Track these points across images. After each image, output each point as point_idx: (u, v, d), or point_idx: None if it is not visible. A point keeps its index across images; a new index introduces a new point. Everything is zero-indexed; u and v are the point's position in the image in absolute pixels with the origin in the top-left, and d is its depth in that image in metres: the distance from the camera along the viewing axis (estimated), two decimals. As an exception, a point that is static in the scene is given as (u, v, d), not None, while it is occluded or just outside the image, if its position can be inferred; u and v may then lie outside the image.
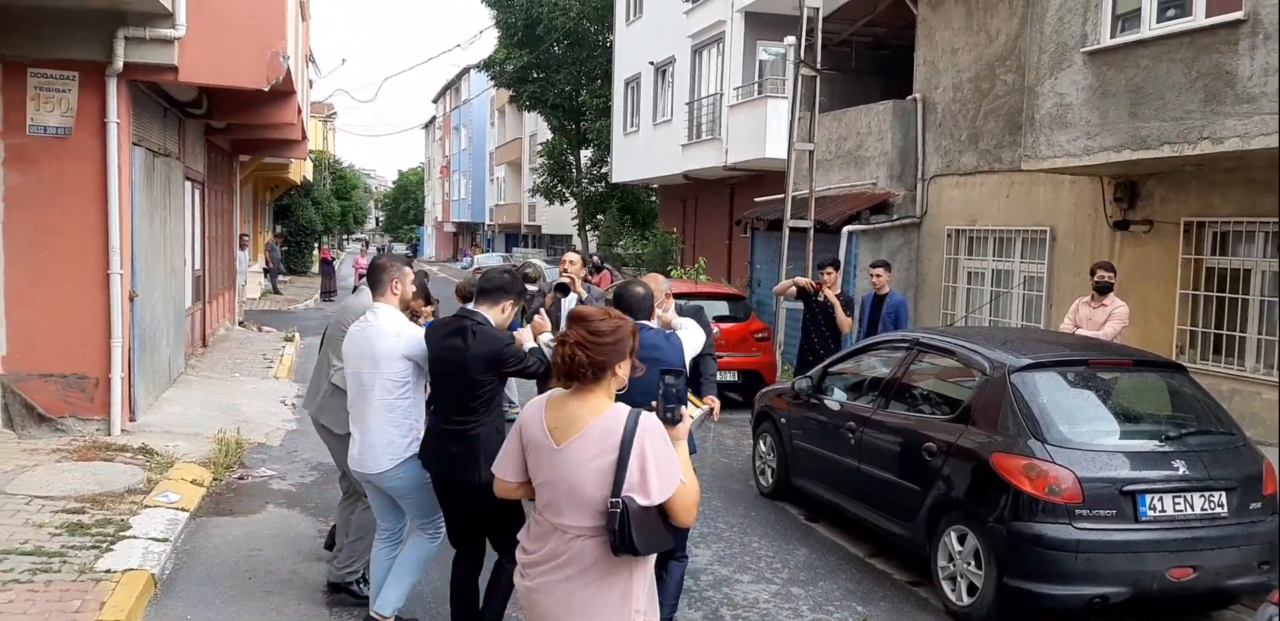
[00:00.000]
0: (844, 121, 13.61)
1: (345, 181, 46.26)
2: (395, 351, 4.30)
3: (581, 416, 2.74)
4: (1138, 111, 8.05)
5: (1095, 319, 7.52)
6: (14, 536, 5.58)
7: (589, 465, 2.69)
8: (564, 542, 2.75)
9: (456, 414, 4.19)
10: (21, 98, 7.87)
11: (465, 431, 4.16)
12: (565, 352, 2.73)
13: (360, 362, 4.38)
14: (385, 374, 4.32)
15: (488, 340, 4.14)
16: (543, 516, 2.82)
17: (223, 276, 16.01)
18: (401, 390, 4.35)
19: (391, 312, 4.45)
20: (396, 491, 4.44)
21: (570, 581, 2.74)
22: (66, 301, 8.03)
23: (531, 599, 2.84)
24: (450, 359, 4.17)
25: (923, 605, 5.44)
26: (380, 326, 4.36)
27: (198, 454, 7.77)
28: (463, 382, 4.16)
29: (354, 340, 4.45)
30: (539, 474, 2.82)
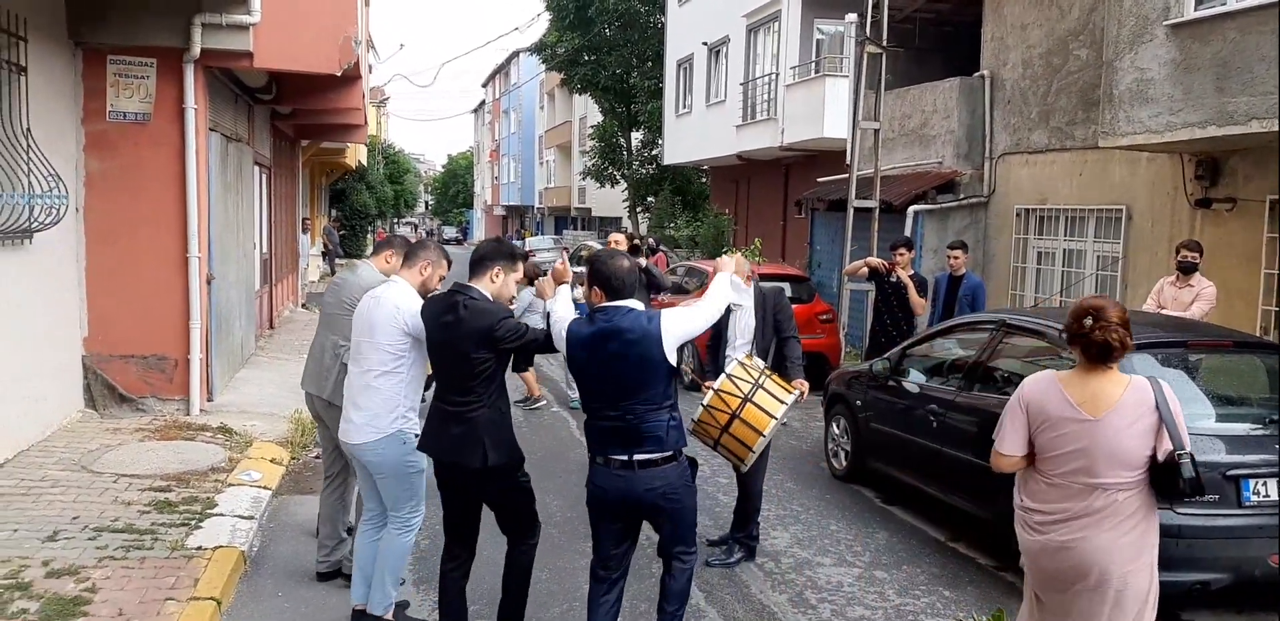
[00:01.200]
0: (908, 99, 13.39)
1: (397, 165, 46.60)
2: (395, 322, 4.17)
3: (1109, 390, 3.30)
4: (1224, 86, 7.80)
5: (1182, 299, 7.32)
6: (105, 513, 5.71)
7: (1130, 429, 3.26)
8: (1105, 498, 3.28)
9: (456, 394, 3.99)
10: (101, 85, 8.00)
11: (465, 412, 3.96)
12: (1115, 337, 3.26)
13: (361, 332, 4.32)
14: (381, 344, 4.21)
15: (480, 314, 3.91)
16: (1069, 479, 3.33)
17: (287, 259, 16.22)
18: (396, 363, 4.20)
19: (405, 287, 4.30)
20: (373, 467, 4.31)
21: (1115, 529, 3.28)
22: (146, 284, 8.17)
23: (1063, 552, 3.33)
24: (444, 335, 3.98)
25: (1010, 590, 5.35)
26: (386, 297, 4.25)
27: (274, 433, 7.88)
28: (458, 360, 3.95)
29: (362, 311, 4.37)
30: (1067, 444, 3.31)
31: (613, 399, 3.80)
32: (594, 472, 3.93)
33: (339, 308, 4.83)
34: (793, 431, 8.97)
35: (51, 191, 7.35)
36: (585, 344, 3.82)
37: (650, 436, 3.79)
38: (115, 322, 8.11)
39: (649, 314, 3.84)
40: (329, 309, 4.96)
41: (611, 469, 3.84)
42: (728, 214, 22.06)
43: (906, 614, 4.98)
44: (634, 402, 3.77)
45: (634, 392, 3.76)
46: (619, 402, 3.78)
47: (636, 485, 3.82)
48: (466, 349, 3.91)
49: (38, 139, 6.96)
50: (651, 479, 3.82)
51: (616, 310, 3.80)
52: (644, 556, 5.62)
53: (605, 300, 3.84)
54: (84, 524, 5.51)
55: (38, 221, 6.95)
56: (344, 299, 4.80)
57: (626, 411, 3.78)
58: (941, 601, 5.15)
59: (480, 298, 3.99)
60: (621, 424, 3.78)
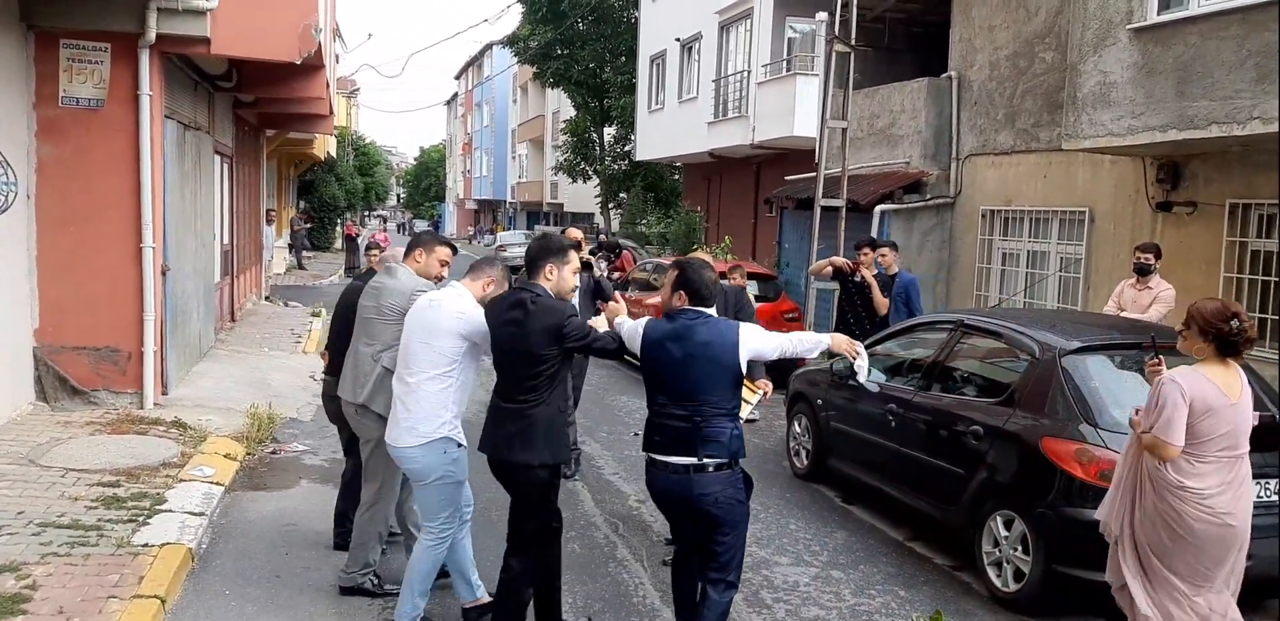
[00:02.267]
0: (876, 99, 13.41)
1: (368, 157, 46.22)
2: (454, 328, 4.18)
3: (1236, 377, 3.95)
4: (1185, 90, 7.86)
5: (1140, 301, 7.38)
6: (51, 509, 5.59)
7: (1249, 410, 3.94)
8: (1244, 465, 3.95)
9: (517, 392, 4.05)
10: (54, 69, 7.82)
11: (524, 409, 4.02)
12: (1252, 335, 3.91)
13: (415, 334, 4.27)
14: (436, 347, 4.20)
15: (548, 312, 3.99)
16: (1221, 455, 3.89)
17: (250, 251, 16.01)
18: (448, 367, 4.21)
19: (465, 293, 4.32)
20: (414, 474, 4.29)
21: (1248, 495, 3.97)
22: (99, 274, 8.01)
23: (1222, 528, 3.90)
24: (511, 333, 4.03)
25: (966, 590, 5.37)
26: (447, 301, 4.26)
27: (230, 428, 7.76)
28: (524, 358, 4.01)
29: (417, 314, 4.32)
30: (1221, 427, 3.87)
31: (681, 398, 3.87)
32: (652, 476, 4.01)
33: (378, 313, 4.68)
34: (756, 430, 8.95)
35: (1, 177, 7.21)
36: (662, 341, 3.91)
37: (713, 441, 3.84)
38: (67, 313, 7.95)
39: (728, 322, 3.98)
40: (366, 313, 4.77)
41: (669, 473, 3.90)
42: (699, 211, 22.04)
43: (861, 613, 4.97)
44: (702, 404, 3.85)
45: (703, 393, 3.85)
46: (687, 402, 3.86)
47: (691, 489, 3.86)
48: (533, 346, 3.97)
49: (-13, 124, 6.80)
50: (707, 484, 3.85)
51: (697, 314, 3.95)
52: (600, 555, 5.59)
53: (688, 305, 3.98)
54: (28, 519, 5.39)
55: (-14, 209, 6.80)
56: (385, 305, 4.65)
57: (694, 412, 3.85)
58: (896, 601, 5.15)
59: (545, 295, 4.05)
60: (688, 425, 3.85)
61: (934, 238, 12.17)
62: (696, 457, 3.83)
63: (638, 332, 4.00)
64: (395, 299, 4.59)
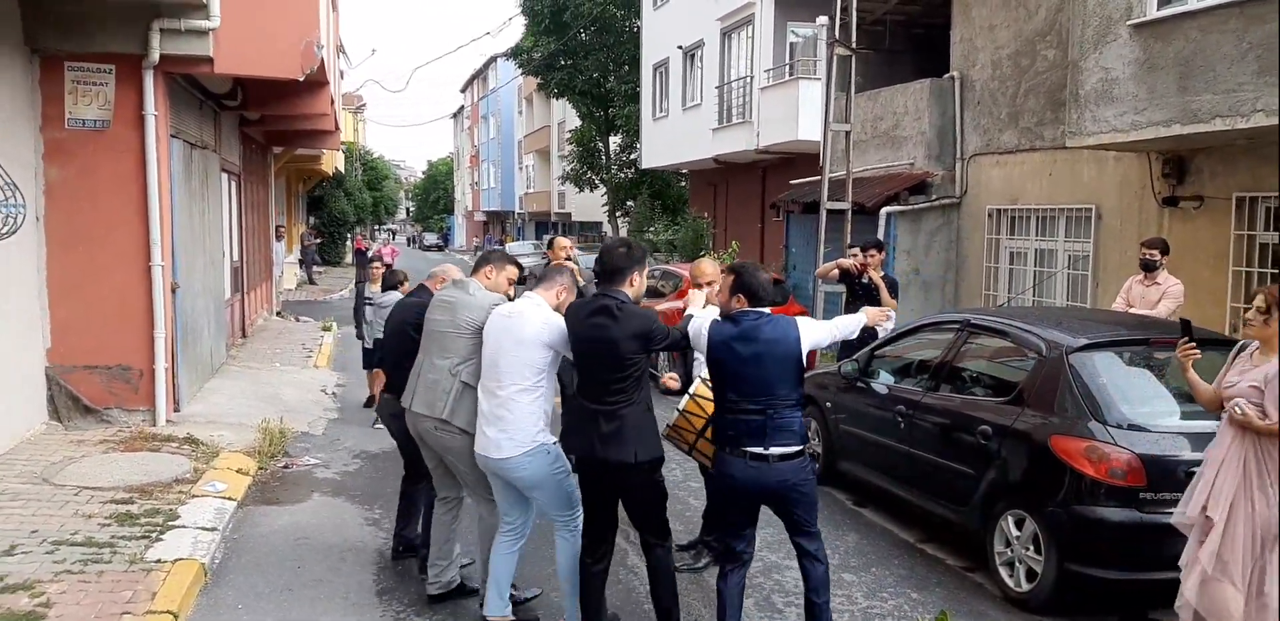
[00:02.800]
0: (879, 101, 13.42)
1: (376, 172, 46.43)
2: (540, 338, 4.29)
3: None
4: (1187, 85, 7.85)
5: (1149, 297, 7.34)
6: (64, 527, 5.61)
7: None
8: None
9: (605, 394, 4.19)
10: (59, 91, 7.89)
11: (616, 410, 4.16)
12: None
13: (500, 349, 4.35)
14: (525, 359, 4.29)
15: (637, 317, 4.18)
16: None
17: (260, 267, 16.10)
18: (537, 378, 4.32)
19: (544, 304, 4.43)
20: (524, 482, 4.37)
21: None
22: (109, 294, 8.06)
23: None
24: (598, 338, 4.16)
25: (978, 591, 5.35)
26: (529, 313, 4.36)
27: (242, 443, 7.79)
28: (613, 361, 4.15)
29: (497, 327, 4.41)
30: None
31: (753, 394, 4.11)
32: (726, 463, 4.20)
33: (453, 327, 4.65)
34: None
35: (9, 200, 7.27)
36: (728, 342, 4.14)
37: (787, 431, 4.12)
38: (78, 333, 8.00)
39: (787, 319, 4.24)
40: (440, 327, 4.72)
41: (746, 461, 4.12)
42: (706, 217, 22.06)
43: (873, 616, 4.96)
44: (773, 398, 4.10)
45: (774, 388, 4.11)
46: (759, 397, 4.10)
47: (770, 476, 4.12)
48: (623, 350, 4.13)
49: (-6, 147, 6.86)
50: (785, 471, 4.13)
51: (758, 314, 4.19)
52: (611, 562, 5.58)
53: (747, 306, 4.19)
54: (42, 537, 5.42)
55: (-5, 231, 6.86)
56: (461, 319, 4.63)
57: (767, 406, 4.10)
58: (909, 603, 5.12)
59: (628, 301, 4.24)
60: (761, 418, 4.09)
61: (941, 238, 12.15)
62: (771, 447, 4.09)
63: (702, 335, 4.22)
64: (473, 314, 4.60)
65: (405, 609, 4.93)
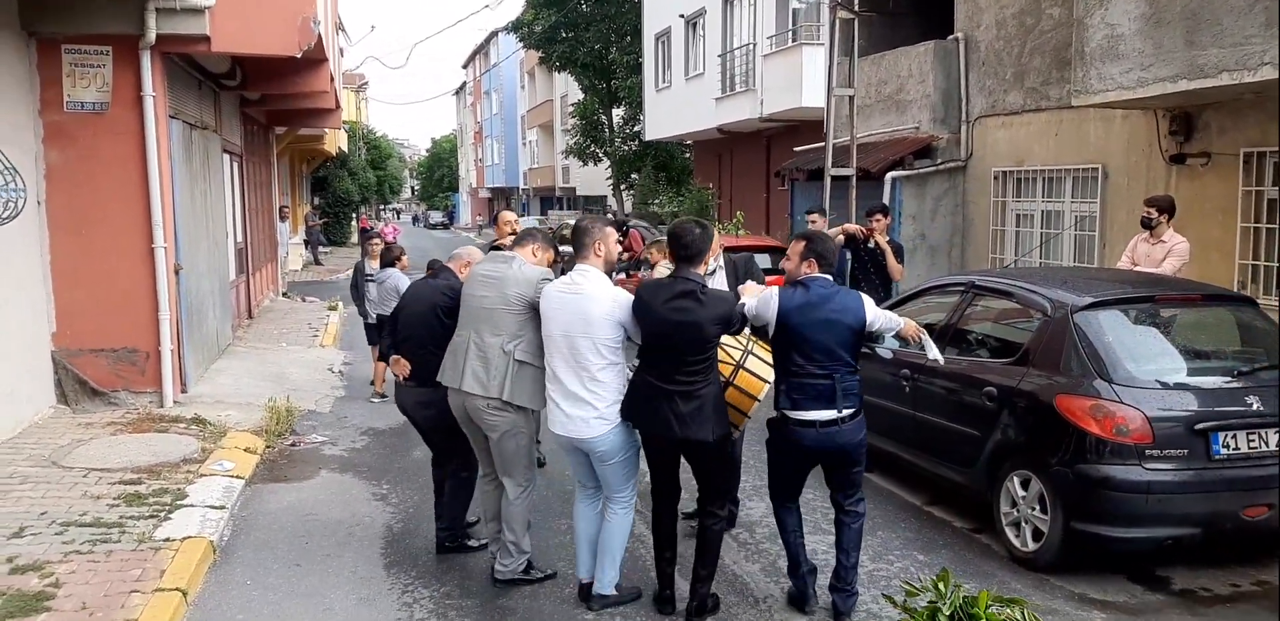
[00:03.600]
0: (883, 65, 13.26)
1: (380, 151, 46.29)
2: (613, 316, 4.27)
3: None
4: (1194, 39, 7.70)
5: (1154, 256, 7.26)
6: (73, 508, 5.65)
7: None
8: None
9: (682, 374, 4.22)
10: (57, 75, 7.86)
11: (694, 390, 4.22)
12: None
13: (572, 326, 4.29)
14: (601, 338, 4.27)
15: (721, 301, 4.27)
16: None
17: (265, 248, 16.10)
18: (615, 355, 4.33)
19: (601, 276, 4.38)
20: (605, 456, 4.39)
21: None
22: (113, 276, 8.07)
23: None
24: (680, 321, 4.19)
25: (985, 552, 5.34)
26: (594, 291, 4.30)
27: (250, 422, 7.83)
28: (695, 342, 4.20)
29: (562, 304, 4.34)
30: None
31: (821, 358, 4.25)
32: (791, 432, 4.37)
33: (503, 302, 4.55)
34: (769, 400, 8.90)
35: (9, 185, 7.27)
36: (801, 307, 4.27)
37: (852, 394, 4.31)
38: (83, 316, 8.02)
39: (855, 293, 4.48)
40: (487, 303, 4.59)
41: (815, 427, 4.30)
42: (710, 188, 21.93)
43: (879, 579, 4.95)
44: (839, 363, 4.27)
45: (839, 354, 4.27)
46: (827, 363, 4.26)
47: (839, 438, 4.32)
48: (707, 332, 4.21)
49: (-8, 132, 6.84)
50: (854, 432, 4.36)
51: (828, 282, 4.38)
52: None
53: (818, 271, 4.36)
54: (51, 519, 5.46)
55: (-5, 215, 6.86)
56: (510, 294, 4.53)
57: (832, 370, 4.26)
58: (915, 565, 5.12)
59: (706, 284, 4.31)
60: (828, 383, 4.26)
61: (947, 202, 12.05)
62: (839, 410, 4.26)
63: (771, 300, 4.31)
64: (522, 289, 4.52)
65: (413, 582, 4.95)
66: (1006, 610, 3.26)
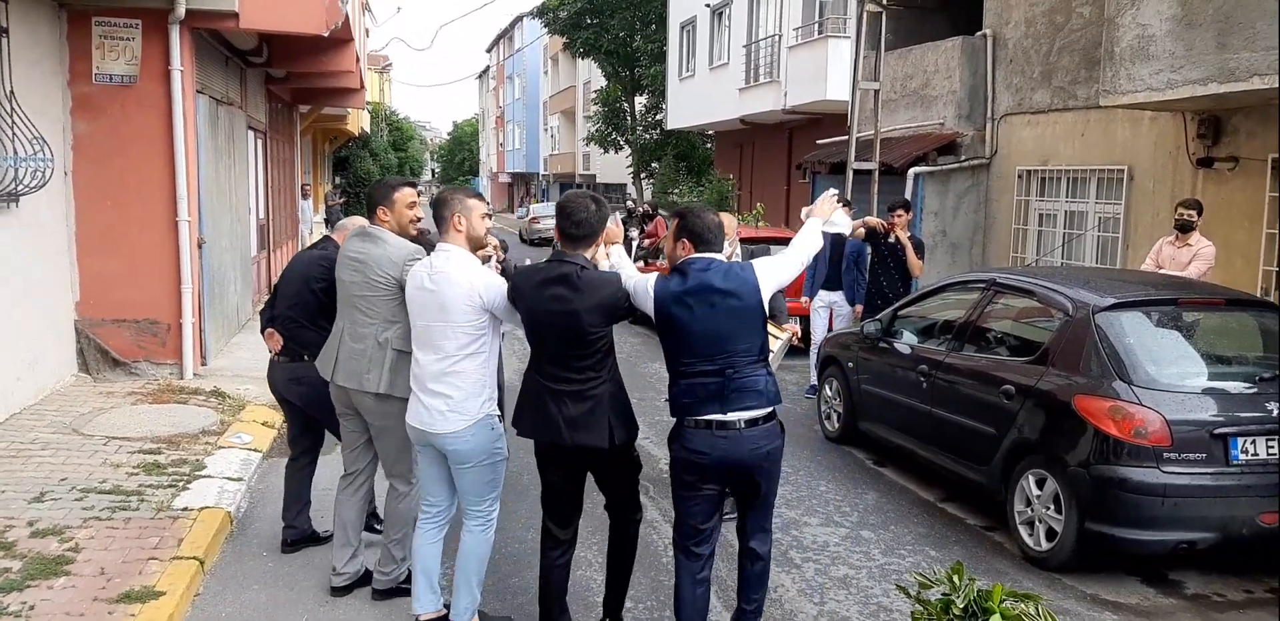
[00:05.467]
0: (909, 60, 13.19)
1: (401, 133, 46.32)
2: (471, 301, 3.75)
3: None
4: (1226, 42, 7.64)
5: (1179, 259, 7.23)
6: (93, 475, 5.72)
7: None
8: None
9: (569, 372, 3.69)
10: (86, 47, 7.91)
11: (586, 390, 3.68)
12: None
13: (428, 313, 3.83)
14: (459, 324, 3.77)
15: (601, 284, 3.67)
16: None
17: (286, 225, 16.16)
18: (478, 344, 3.82)
19: (462, 255, 3.85)
20: (459, 456, 3.87)
21: None
22: (137, 248, 8.14)
23: None
24: (555, 310, 3.64)
25: (998, 550, 5.35)
26: (450, 273, 3.78)
27: (268, 396, 7.79)
28: (575, 335, 3.65)
29: (419, 285, 3.86)
30: None
31: (711, 354, 3.61)
32: (687, 437, 3.70)
33: (370, 288, 4.12)
34: (786, 394, 8.92)
35: (37, 155, 7.29)
36: (679, 297, 3.63)
37: (751, 391, 3.63)
38: (107, 287, 8.10)
39: (740, 264, 3.73)
40: (355, 289, 4.17)
41: (712, 430, 3.64)
42: (731, 179, 21.89)
43: (890, 573, 4.97)
44: (733, 356, 3.61)
45: (733, 344, 3.61)
46: (717, 357, 3.61)
47: (742, 445, 3.64)
48: (586, 322, 3.63)
49: (22, 102, 6.89)
50: (757, 438, 3.66)
51: (708, 261, 3.68)
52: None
53: (694, 252, 3.71)
54: (71, 485, 5.52)
55: (23, 185, 6.91)
56: (375, 278, 4.10)
57: (726, 365, 3.61)
58: (927, 560, 5.13)
59: (590, 266, 3.72)
60: (720, 379, 3.61)
61: (969, 199, 12.00)
62: (734, 412, 3.61)
63: (648, 293, 3.68)
64: (389, 269, 4.08)
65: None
66: (1021, 605, 3.26)
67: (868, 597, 4.68)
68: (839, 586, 4.80)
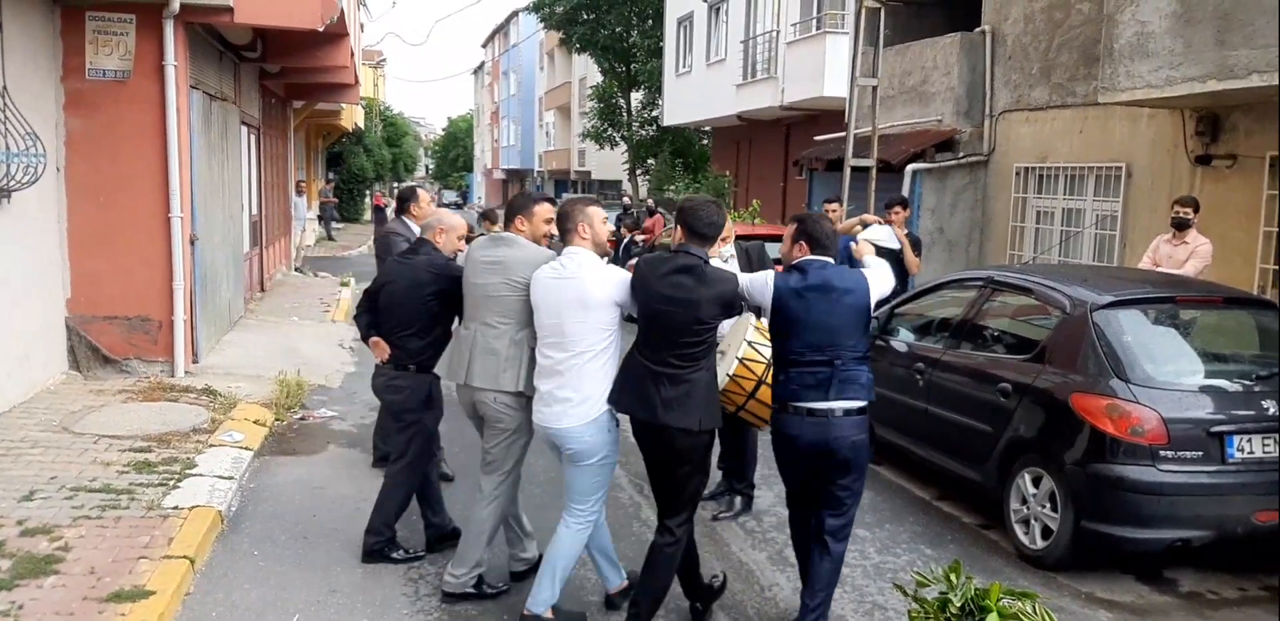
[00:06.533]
0: (908, 56, 13.15)
1: (396, 128, 46.26)
2: (610, 297, 3.99)
3: None
4: (1225, 39, 7.61)
5: (1176, 257, 7.21)
6: (83, 474, 5.68)
7: None
8: None
9: (675, 357, 3.91)
10: (80, 42, 7.85)
11: (683, 375, 3.91)
12: None
13: (565, 311, 4.01)
14: (595, 322, 3.98)
15: (723, 280, 3.96)
16: None
17: (279, 222, 16.11)
18: (607, 341, 4.03)
19: (592, 257, 4.11)
20: (578, 455, 4.03)
21: None
22: (129, 245, 8.09)
23: None
24: (676, 298, 3.88)
25: (993, 548, 5.33)
26: (587, 274, 4.01)
27: (260, 395, 7.84)
28: (688, 324, 3.88)
29: (550, 289, 4.05)
30: None
31: (822, 345, 3.94)
32: (784, 422, 4.04)
33: (509, 289, 4.26)
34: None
35: (30, 150, 7.24)
36: (799, 292, 3.97)
37: (854, 383, 3.95)
38: (98, 284, 8.04)
39: (855, 270, 4.17)
40: (491, 291, 4.31)
41: (805, 417, 3.96)
42: (728, 175, 21.85)
43: (885, 571, 4.95)
44: (842, 349, 3.95)
45: (843, 339, 3.96)
46: (827, 349, 3.94)
47: (833, 432, 3.94)
48: (702, 313, 3.90)
49: (14, 97, 6.85)
50: (848, 427, 3.95)
51: (824, 262, 4.06)
52: (624, 516, 5.59)
53: (810, 254, 4.07)
54: (61, 484, 5.48)
55: (15, 180, 6.86)
56: (515, 280, 4.24)
57: (834, 357, 3.93)
58: (922, 559, 5.11)
59: (708, 260, 3.99)
60: (829, 370, 3.93)
61: (967, 197, 11.97)
62: (836, 401, 3.92)
63: (767, 285, 4.01)
64: (527, 272, 4.21)
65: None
66: (1018, 603, 3.24)
67: (863, 595, 4.66)
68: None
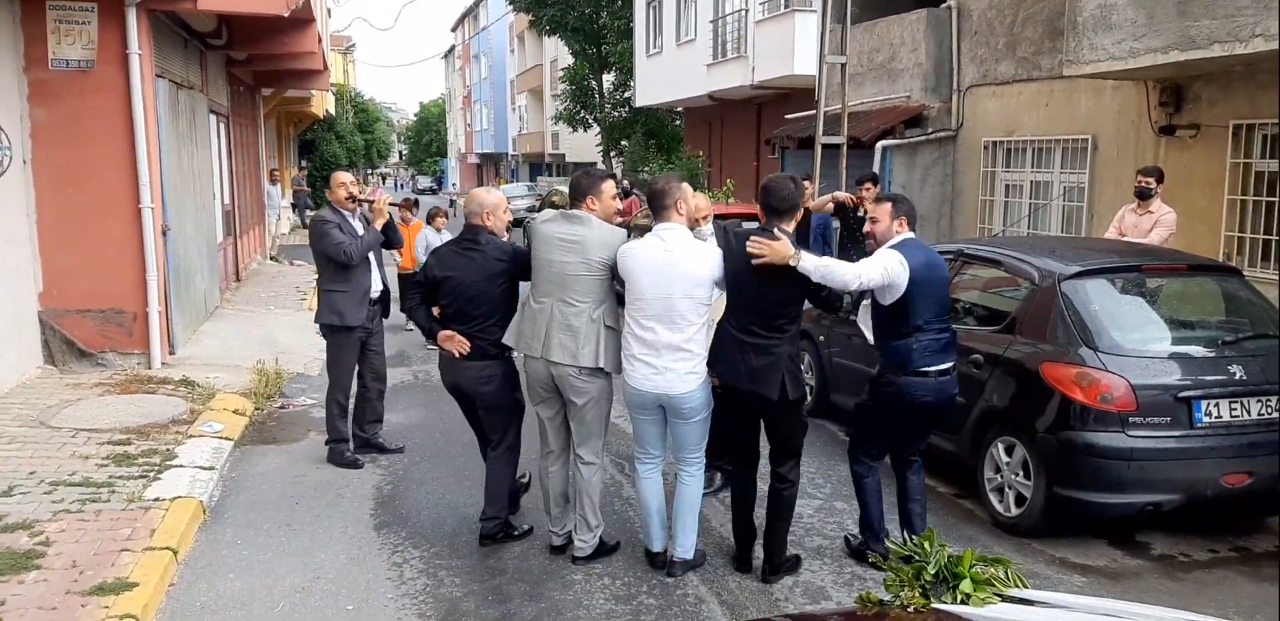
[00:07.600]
0: (875, 33, 13.17)
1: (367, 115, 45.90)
2: (714, 274, 4.27)
3: None
4: (1186, 9, 7.67)
5: (1141, 226, 7.31)
6: (62, 468, 5.67)
7: None
8: None
9: (762, 328, 4.23)
10: (42, 31, 7.76)
11: (771, 346, 4.22)
12: None
13: (673, 286, 4.23)
14: (698, 297, 4.26)
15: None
16: None
17: (252, 211, 15.99)
18: (704, 313, 4.32)
19: (688, 233, 4.38)
20: (689, 413, 4.37)
21: None
22: (99, 237, 8.03)
23: None
24: (770, 270, 4.11)
25: (968, 516, 5.42)
26: (693, 250, 4.29)
27: (238, 384, 7.83)
28: (781, 297, 4.22)
29: (655, 264, 4.24)
30: None
31: (944, 314, 4.47)
32: (915, 385, 4.43)
33: (587, 269, 4.40)
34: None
35: (-7, 143, 7.18)
36: (929, 265, 4.37)
37: (955, 345, 4.54)
38: (70, 276, 7.99)
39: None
40: (569, 270, 4.41)
41: (936, 378, 4.43)
42: (701, 155, 21.84)
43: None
44: (949, 317, 4.54)
45: (948, 308, 4.56)
46: (946, 316, 4.49)
47: (949, 389, 4.51)
48: (793, 287, 4.18)
49: (-26, 89, 6.76)
50: (954, 383, 4.53)
51: (918, 240, 4.52)
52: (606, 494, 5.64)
53: (908, 229, 4.47)
54: (40, 478, 5.47)
55: (-20, 174, 6.79)
56: (592, 258, 4.38)
57: (948, 324, 4.50)
58: (897, 528, 5.16)
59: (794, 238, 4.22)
60: (950, 335, 4.48)
61: (936, 172, 12.04)
62: (949, 362, 4.47)
63: (903, 265, 4.26)
64: (604, 252, 4.38)
65: (403, 542, 5.00)
66: (991, 569, 3.29)
67: (841, 566, 4.75)
68: (813, 556, 4.86)
